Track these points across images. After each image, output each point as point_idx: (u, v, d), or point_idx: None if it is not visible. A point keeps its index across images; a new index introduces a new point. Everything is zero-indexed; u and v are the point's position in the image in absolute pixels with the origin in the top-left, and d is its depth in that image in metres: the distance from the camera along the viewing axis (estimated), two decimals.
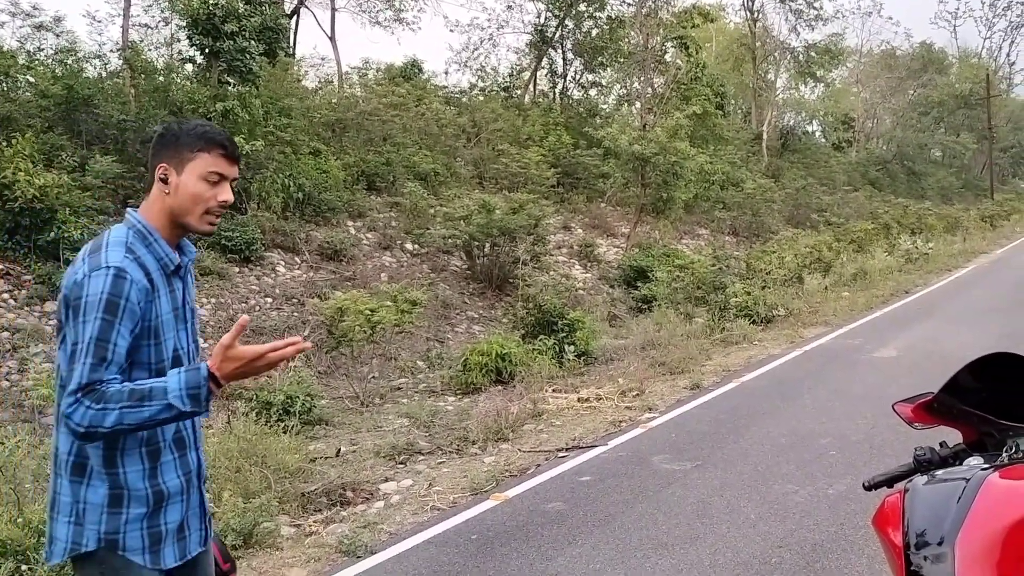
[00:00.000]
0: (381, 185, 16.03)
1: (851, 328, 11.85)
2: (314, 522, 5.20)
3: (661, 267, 15.58)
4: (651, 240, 19.29)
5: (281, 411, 7.02)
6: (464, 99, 23.95)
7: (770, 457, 5.89)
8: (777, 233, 23.04)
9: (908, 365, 8.81)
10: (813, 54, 36.71)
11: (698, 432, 6.78)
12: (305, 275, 12.30)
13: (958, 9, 60.67)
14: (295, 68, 18.81)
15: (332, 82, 21.73)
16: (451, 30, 27.39)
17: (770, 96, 37.04)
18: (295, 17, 22.06)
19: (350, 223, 14.39)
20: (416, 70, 23.20)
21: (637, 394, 8.37)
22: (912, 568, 1.68)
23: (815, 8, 35.61)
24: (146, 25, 17.06)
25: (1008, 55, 62.44)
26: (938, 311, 12.97)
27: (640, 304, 14.56)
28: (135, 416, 1.83)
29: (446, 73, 27.16)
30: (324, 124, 16.86)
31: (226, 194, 2.10)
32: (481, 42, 27.11)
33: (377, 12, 24.45)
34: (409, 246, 14.57)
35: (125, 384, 1.87)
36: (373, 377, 10.02)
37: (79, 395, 1.83)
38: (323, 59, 22.97)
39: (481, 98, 24.57)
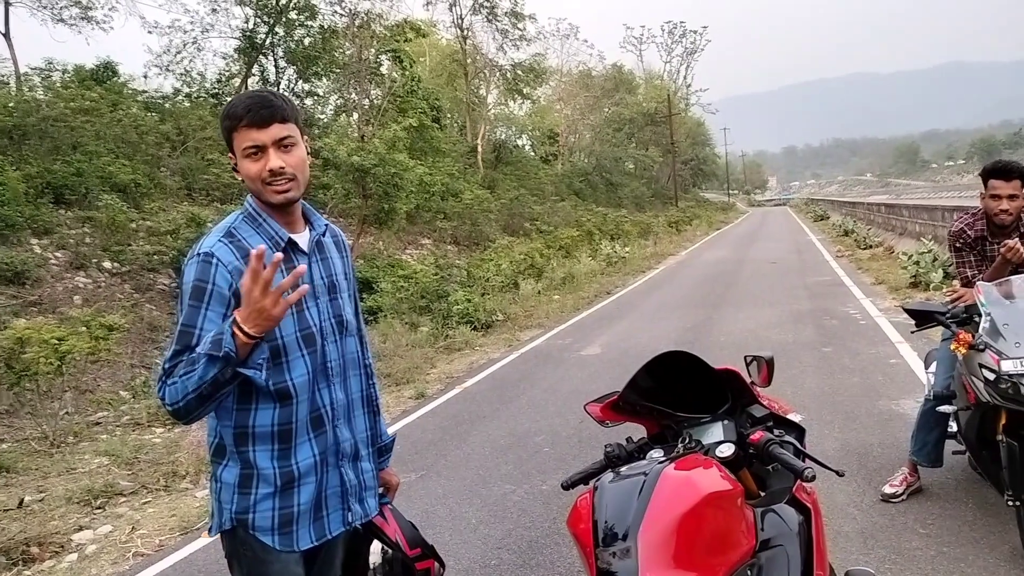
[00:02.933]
0: (71, 198, 14.38)
1: (562, 329, 12.68)
2: None
3: (386, 278, 15.65)
4: (375, 251, 19.25)
5: None
6: (168, 105, 22.27)
7: (491, 459, 6.09)
8: (495, 241, 24.04)
9: (610, 360, 9.58)
10: (519, 72, 39.05)
11: (423, 441, 6.85)
12: None
13: (642, 35, 67.43)
14: None
15: (8, 83, 19.13)
16: (149, 31, 24.99)
17: (483, 111, 38.72)
18: None
19: (34, 241, 12.74)
20: (110, 73, 21.17)
21: None
22: (600, 566, 1.73)
23: (519, 29, 37.88)
24: None
25: (685, 78, 70.81)
26: (634, 309, 14.30)
27: (366, 316, 14.42)
28: (193, 379, 1.83)
29: (145, 77, 24.86)
30: None
31: (272, 162, 2.00)
32: (184, 45, 25.28)
33: (61, 8, 21.88)
34: (108, 264, 13.21)
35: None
36: (66, 413, 8.92)
37: (163, 378, 1.88)
38: None
39: (187, 104, 23.01)
